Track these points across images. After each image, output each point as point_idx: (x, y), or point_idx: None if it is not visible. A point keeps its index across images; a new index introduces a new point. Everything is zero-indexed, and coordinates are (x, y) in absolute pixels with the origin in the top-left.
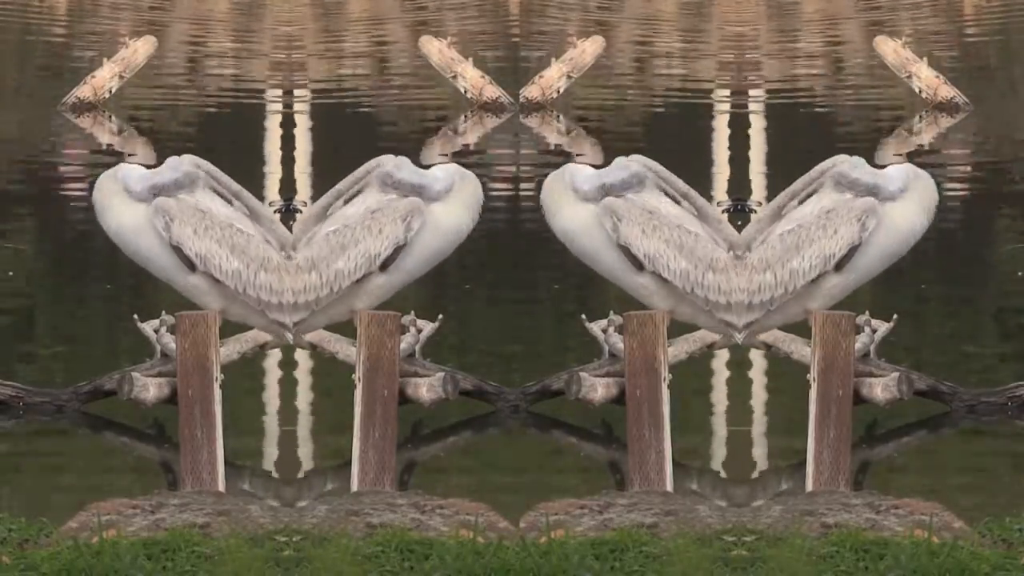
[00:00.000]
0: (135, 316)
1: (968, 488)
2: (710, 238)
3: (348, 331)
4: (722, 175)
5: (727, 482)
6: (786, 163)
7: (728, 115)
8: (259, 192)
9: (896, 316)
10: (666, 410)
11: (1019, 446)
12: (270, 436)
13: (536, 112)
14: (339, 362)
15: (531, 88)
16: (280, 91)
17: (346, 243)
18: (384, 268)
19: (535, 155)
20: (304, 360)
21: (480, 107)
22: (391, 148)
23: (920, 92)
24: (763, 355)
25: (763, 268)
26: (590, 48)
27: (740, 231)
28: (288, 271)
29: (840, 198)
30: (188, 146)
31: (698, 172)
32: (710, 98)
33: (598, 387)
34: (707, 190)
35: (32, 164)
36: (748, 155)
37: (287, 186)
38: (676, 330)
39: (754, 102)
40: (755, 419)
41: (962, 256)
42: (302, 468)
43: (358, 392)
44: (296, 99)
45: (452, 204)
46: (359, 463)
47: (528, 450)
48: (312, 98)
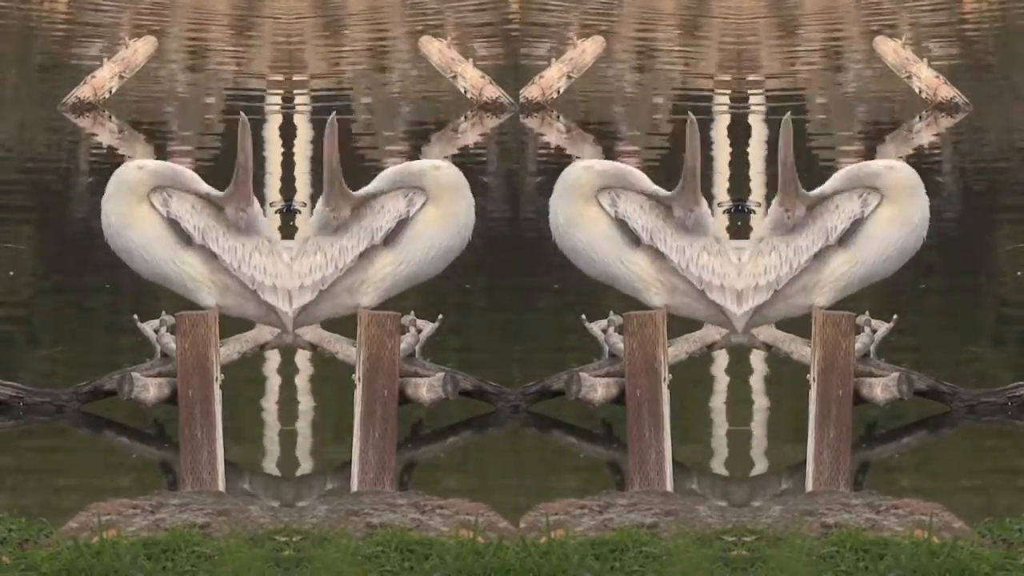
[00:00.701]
0: (135, 316)
1: (968, 488)
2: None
3: (348, 331)
4: (722, 175)
5: (727, 482)
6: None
7: (728, 115)
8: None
9: (896, 316)
10: (666, 410)
11: (1019, 446)
12: (270, 436)
13: (536, 112)
14: (339, 362)
15: (531, 88)
16: (280, 91)
17: (349, 223)
18: (388, 243)
19: (535, 155)
20: (304, 360)
21: (480, 107)
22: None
23: (920, 92)
24: (763, 355)
25: (768, 250)
26: (590, 48)
27: (740, 231)
28: (281, 254)
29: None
30: (188, 146)
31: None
32: (710, 98)
33: (598, 387)
34: (707, 190)
35: (32, 164)
36: (748, 155)
37: (287, 186)
38: (676, 330)
39: (754, 102)
40: (755, 419)
41: (962, 256)
42: (302, 468)
43: (358, 392)
44: (296, 99)
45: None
46: (359, 463)
47: (528, 450)
48: (312, 98)
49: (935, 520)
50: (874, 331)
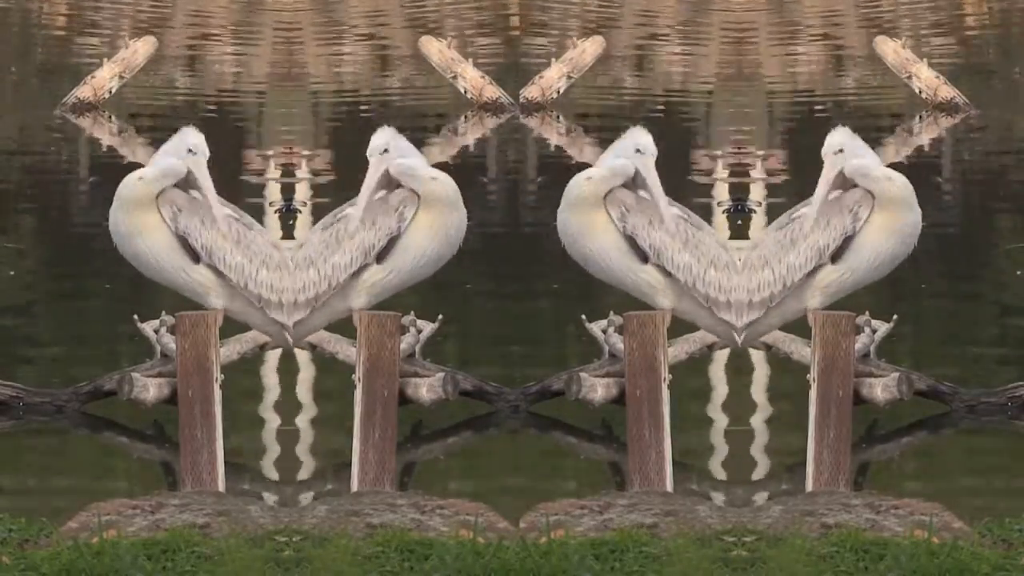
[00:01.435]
0: (135, 316)
1: (968, 488)
2: (711, 235)
3: (348, 331)
4: (722, 175)
5: (727, 482)
6: (786, 163)
7: (728, 115)
8: (259, 192)
9: (896, 316)
10: (666, 410)
11: (1019, 446)
12: (270, 436)
13: (536, 112)
14: (339, 362)
15: (531, 88)
16: (280, 91)
17: (341, 237)
18: (380, 260)
19: (535, 155)
20: (304, 360)
21: (480, 107)
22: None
23: (920, 92)
24: (763, 355)
25: (761, 265)
26: (590, 48)
27: (740, 231)
28: (288, 269)
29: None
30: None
31: (698, 172)
32: (710, 98)
33: (598, 387)
34: (707, 190)
35: (32, 164)
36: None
37: (287, 186)
38: (676, 330)
39: (754, 102)
40: (755, 419)
41: (962, 256)
42: (302, 468)
43: (358, 392)
44: (296, 99)
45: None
46: (359, 463)
47: (528, 450)
48: (312, 98)
49: (935, 520)
50: (874, 331)
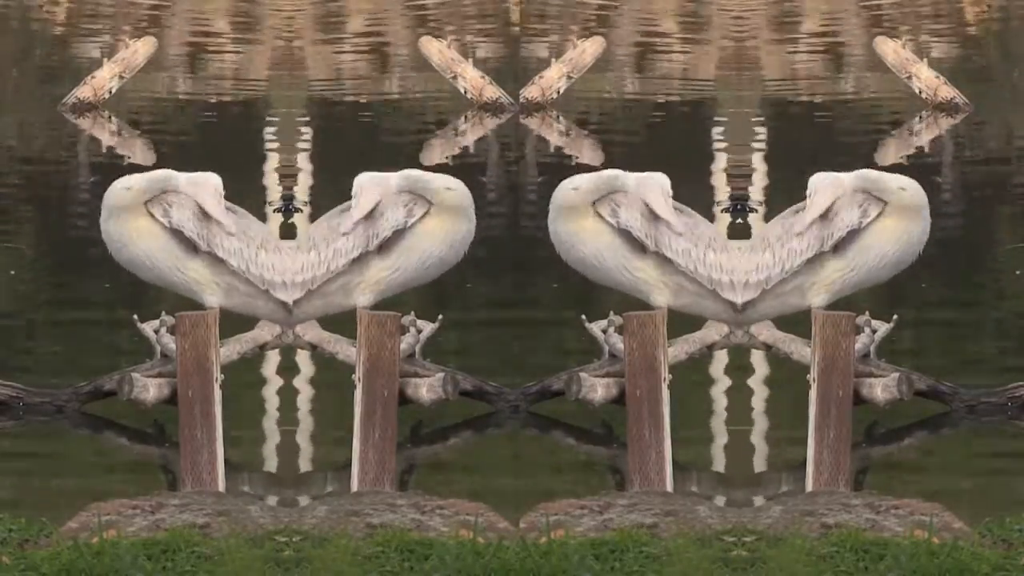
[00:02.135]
0: (135, 316)
1: (968, 488)
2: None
3: (348, 331)
4: (722, 175)
5: (727, 482)
6: (786, 163)
7: (728, 115)
8: (259, 192)
9: (896, 316)
10: (666, 410)
11: (1019, 446)
12: (270, 436)
13: (536, 112)
14: (339, 362)
15: (531, 88)
16: (280, 91)
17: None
18: (381, 253)
19: (535, 155)
20: (304, 360)
21: (480, 107)
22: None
23: (920, 92)
24: (763, 355)
25: (763, 248)
26: (590, 48)
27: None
28: (286, 251)
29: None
30: (188, 147)
31: (698, 172)
32: (710, 98)
33: (598, 387)
34: (707, 190)
35: (32, 164)
36: (748, 155)
37: (287, 186)
38: (676, 330)
39: (754, 102)
40: (755, 419)
41: (962, 256)
42: (302, 468)
43: (358, 392)
44: (296, 99)
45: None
46: (359, 463)
47: (528, 450)
48: (312, 98)
49: (935, 520)
50: (874, 331)
